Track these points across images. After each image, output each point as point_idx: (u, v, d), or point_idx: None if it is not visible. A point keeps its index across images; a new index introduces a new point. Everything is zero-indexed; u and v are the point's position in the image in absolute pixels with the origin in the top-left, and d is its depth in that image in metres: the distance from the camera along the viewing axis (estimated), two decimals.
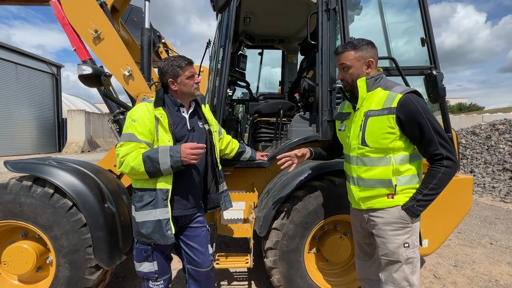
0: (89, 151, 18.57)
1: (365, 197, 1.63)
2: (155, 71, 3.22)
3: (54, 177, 2.00)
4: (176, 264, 2.79)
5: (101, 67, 2.42)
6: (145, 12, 2.71)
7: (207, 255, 1.89)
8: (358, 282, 1.99)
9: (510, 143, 8.07)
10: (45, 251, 2.11)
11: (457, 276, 2.98)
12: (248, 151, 2.33)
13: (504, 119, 9.67)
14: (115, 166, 2.52)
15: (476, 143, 8.82)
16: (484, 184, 6.91)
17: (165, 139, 1.66)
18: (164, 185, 1.65)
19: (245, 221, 2.50)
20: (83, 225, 2.01)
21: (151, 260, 1.74)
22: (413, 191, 1.55)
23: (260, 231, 2.16)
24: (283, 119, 2.79)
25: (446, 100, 2.32)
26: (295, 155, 1.85)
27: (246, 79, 3.72)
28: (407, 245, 1.55)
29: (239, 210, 2.47)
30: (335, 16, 2.34)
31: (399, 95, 1.48)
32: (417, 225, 1.61)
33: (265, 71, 4.55)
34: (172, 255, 1.92)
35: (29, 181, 2.02)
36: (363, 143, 1.56)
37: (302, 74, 3.33)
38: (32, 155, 16.31)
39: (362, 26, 2.75)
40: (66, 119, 19.45)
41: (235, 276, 2.91)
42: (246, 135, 3.48)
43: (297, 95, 3.16)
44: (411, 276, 1.57)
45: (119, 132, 2.64)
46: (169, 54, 3.92)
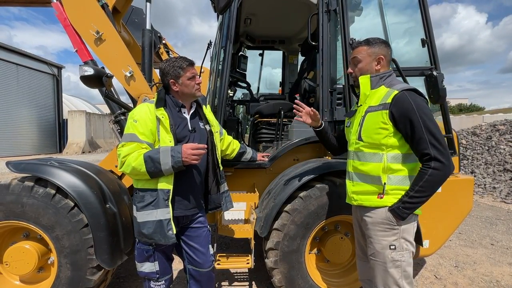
0: (89, 151, 18.59)
1: (356, 191, 1.65)
2: (156, 72, 3.23)
3: (56, 177, 2.01)
4: (177, 265, 2.80)
5: (103, 68, 2.43)
6: (146, 13, 2.73)
7: (208, 255, 1.89)
8: (359, 282, 1.99)
9: (510, 143, 8.07)
10: (47, 251, 2.11)
11: (458, 277, 2.98)
12: (249, 152, 2.33)
13: (505, 120, 9.67)
14: (116, 166, 2.52)
15: (477, 143, 8.82)
16: (485, 185, 6.91)
17: (166, 140, 1.67)
18: (165, 185, 1.65)
19: (246, 221, 2.51)
20: (84, 226, 2.01)
21: (152, 260, 1.74)
22: (403, 193, 1.51)
23: (261, 231, 2.17)
24: (283, 120, 2.80)
25: (446, 100, 2.32)
26: (309, 112, 1.85)
27: (247, 80, 3.73)
28: (393, 247, 1.52)
29: (240, 211, 2.48)
30: (335, 17, 2.35)
31: (396, 91, 1.49)
32: (408, 228, 1.55)
33: (265, 72, 4.56)
34: (173, 255, 1.92)
35: (31, 182, 2.03)
36: (359, 138, 1.59)
37: (302, 75, 3.34)
38: (32, 156, 16.34)
39: (363, 27, 2.75)
40: (66, 120, 19.49)
41: (236, 277, 2.91)
42: (247, 135, 3.49)
43: (297, 96, 3.17)
44: (402, 281, 1.53)
45: (120, 133, 2.65)
46: (170, 55, 3.93)
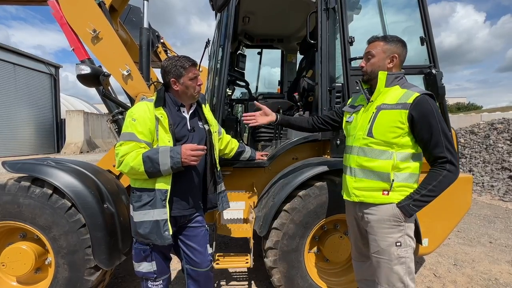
0: (88, 151, 18.53)
1: (359, 187, 1.64)
2: (154, 71, 3.21)
3: (52, 177, 1.99)
4: (175, 265, 2.78)
5: (100, 67, 2.41)
6: (143, 12, 2.70)
7: (206, 255, 1.88)
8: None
9: (508, 142, 8.09)
10: (44, 252, 2.09)
11: (457, 275, 2.98)
12: (248, 151, 2.32)
13: (503, 118, 9.70)
14: (114, 166, 2.51)
15: (475, 142, 8.85)
16: (483, 183, 6.93)
17: (165, 139, 1.65)
18: (163, 185, 1.64)
19: (245, 221, 2.50)
20: (82, 226, 2.00)
21: (149, 260, 1.73)
22: (409, 190, 1.56)
23: (260, 230, 2.16)
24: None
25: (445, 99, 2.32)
26: (259, 114, 2.06)
27: (246, 78, 3.72)
28: (399, 244, 1.55)
29: (239, 210, 2.47)
30: (334, 15, 2.34)
31: (417, 93, 1.51)
32: (411, 225, 1.59)
33: (264, 70, 4.54)
34: (171, 255, 1.91)
35: (27, 182, 2.01)
36: (369, 134, 1.58)
37: (301, 74, 3.33)
38: (30, 156, 16.25)
39: (362, 26, 2.74)
40: (64, 119, 19.39)
41: (235, 276, 2.90)
42: (246, 135, 3.47)
43: (296, 95, 3.15)
44: (406, 277, 1.55)
45: (118, 132, 2.63)
46: (168, 54, 3.91)
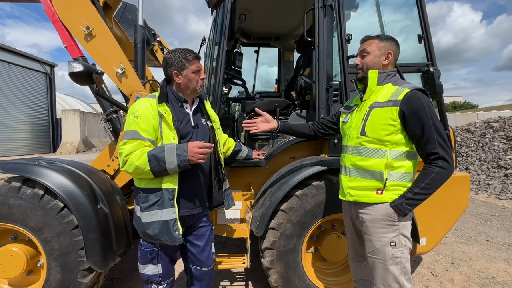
0: (84, 151, 18.38)
1: (353, 187, 1.62)
2: (149, 69, 3.16)
3: (44, 177, 1.94)
4: (175, 266, 2.74)
5: (93, 64, 2.36)
6: (138, 9, 2.65)
7: (211, 253, 1.88)
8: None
9: (504, 140, 8.15)
10: (36, 254, 2.05)
11: (455, 274, 2.98)
12: (245, 150, 2.29)
13: (499, 117, 9.77)
14: (108, 166, 2.48)
15: (471, 140, 8.89)
16: (479, 181, 6.97)
17: (170, 137, 1.60)
18: (170, 184, 1.59)
19: (242, 221, 2.47)
20: (74, 227, 1.96)
21: (155, 262, 1.69)
22: (403, 189, 1.54)
23: (257, 231, 2.14)
24: (279, 117, 2.76)
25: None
26: (260, 121, 2.04)
27: (242, 77, 3.68)
28: (393, 243, 1.53)
29: (235, 210, 2.44)
30: (331, 13, 2.32)
31: (407, 89, 1.50)
32: (407, 224, 1.57)
33: (261, 69, 4.51)
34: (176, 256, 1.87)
35: (18, 182, 1.96)
36: (363, 133, 1.57)
37: (298, 72, 3.30)
38: (25, 155, 16.10)
39: (360, 25, 2.72)
40: (60, 119, 19.22)
41: (232, 277, 2.88)
42: (243, 134, 3.44)
43: (293, 93, 3.13)
44: (401, 277, 1.53)
45: (112, 131, 2.59)
46: (165, 52, 3.87)
